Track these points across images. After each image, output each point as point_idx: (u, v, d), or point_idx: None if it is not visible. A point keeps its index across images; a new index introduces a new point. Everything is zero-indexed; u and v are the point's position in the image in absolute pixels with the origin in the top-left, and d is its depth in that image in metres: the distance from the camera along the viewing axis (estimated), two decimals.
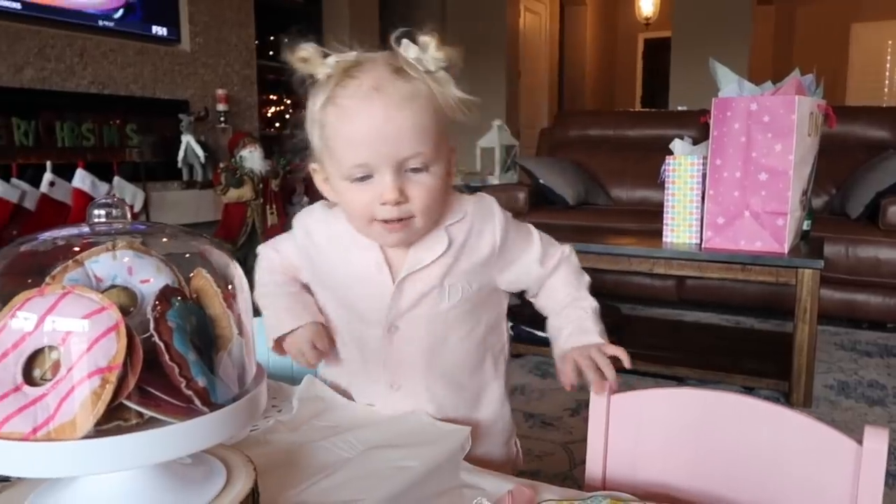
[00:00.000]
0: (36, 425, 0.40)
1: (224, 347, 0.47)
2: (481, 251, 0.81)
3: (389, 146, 0.71)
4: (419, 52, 0.75)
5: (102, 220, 0.48)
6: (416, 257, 0.79)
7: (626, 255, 2.23)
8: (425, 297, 0.79)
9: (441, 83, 0.75)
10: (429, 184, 0.74)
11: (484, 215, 0.82)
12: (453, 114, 0.75)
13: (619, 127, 4.05)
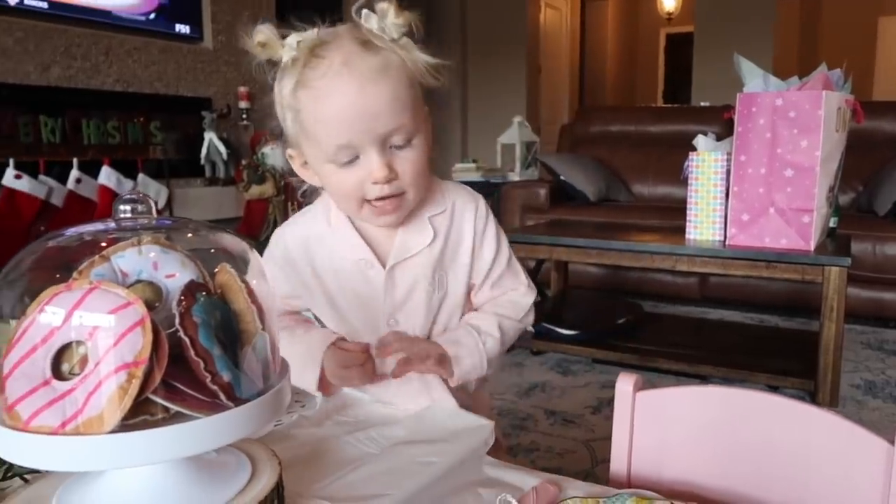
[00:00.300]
0: (65, 419, 0.40)
1: (248, 342, 0.47)
2: (462, 245, 0.81)
3: (369, 122, 0.69)
4: (379, 20, 0.71)
5: (128, 216, 0.49)
6: (403, 245, 0.78)
7: (649, 251, 2.21)
8: (417, 287, 0.79)
9: (407, 49, 0.72)
10: (414, 157, 0.72)
11: (466, 208, 0.82)
12: (425, 80, 0.73)
13: (641, 123, 4.02)
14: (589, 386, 2.21)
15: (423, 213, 0.79)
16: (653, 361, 2.27)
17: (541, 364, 2.41)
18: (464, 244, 0.81)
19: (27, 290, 0.44)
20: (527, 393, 2.14)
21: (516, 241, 2.47)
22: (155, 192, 3.64)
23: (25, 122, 3.25)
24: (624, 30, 8.51)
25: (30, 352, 0.42)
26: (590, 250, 2.32)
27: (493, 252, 0.83)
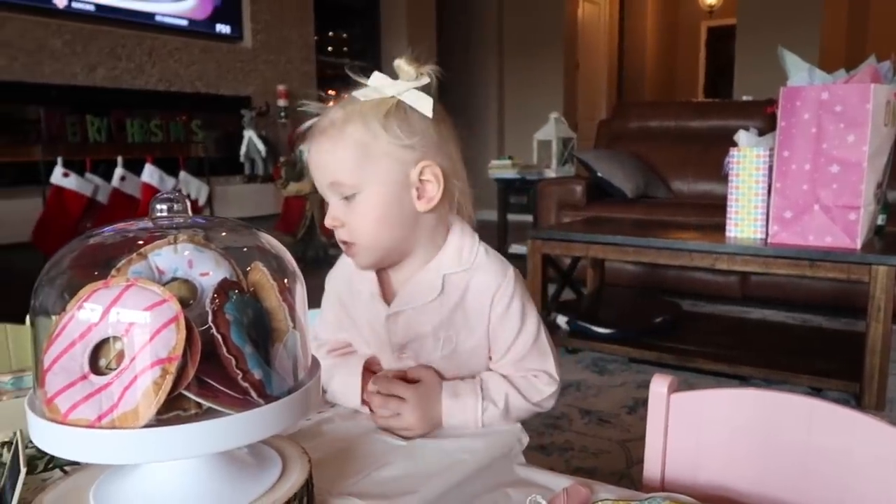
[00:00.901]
0: (101, 413, 0.41)
1: (279, 340, 0.48)
2: (477, 311, 0.78)
3: (318, 174, 0.77)
4: (381, 80, 0.76)
5: (164, 215, 0.50)
6: (407, 294, 0.79)
7: (687, 250, 2.17)
8: (418, 341, 0.79)
9: (364, 117, 0.74)
10: (358, 210, 0.75)
11: (491, 277, 0.79)
12: (381, 139, 0.74)
13: (681, 118, 3.94)
14: (625, 385, 2.18)
15: (441, 267, 0.79)
16: (691, 361, 2.23)
17: (576, 363, 2.39)
18: (479, 312, 0.78)
19: (67, 286, 0.46)
20: (561, 392, 2.11)
21: (552, 238, 2.46)
22: (196, 190, 3.72)
23: (73, 122, 3.35)
24: (664, 23, 8.37)
25: (68, 347, 0.43)
26: (626, 248, 2.29)
27: (516, 330, 0.79)
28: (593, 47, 7.06)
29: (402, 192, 0.75)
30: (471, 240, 0.80)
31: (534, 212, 3.74)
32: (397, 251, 0.78)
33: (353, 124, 0.74)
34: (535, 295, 2.48)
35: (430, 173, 0.75)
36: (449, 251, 0.79)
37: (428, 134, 0.76)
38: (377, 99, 0.75)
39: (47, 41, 3.25)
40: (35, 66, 3.22)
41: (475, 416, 0.76)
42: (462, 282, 0.78)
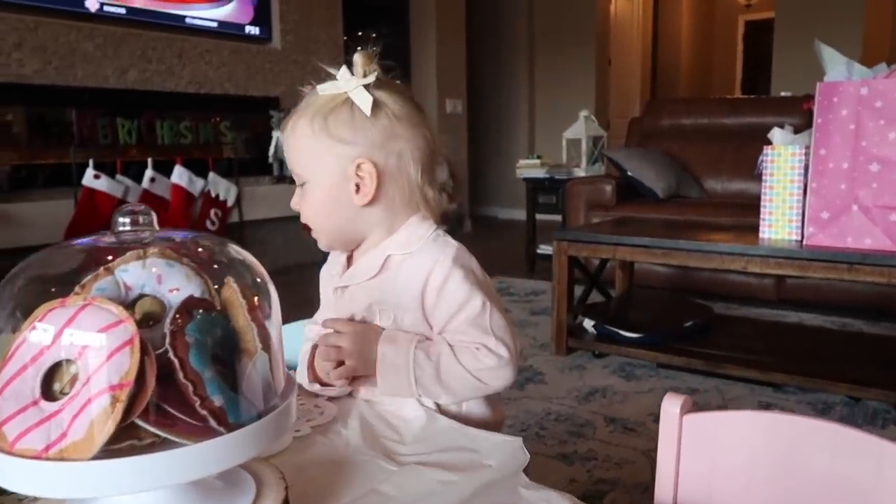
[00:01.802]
0: (49, 442, 0.39)
1: (248, 362, 0.45)
2: (412, 289, 0.80)
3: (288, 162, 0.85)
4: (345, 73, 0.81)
5: (127, 229, 0.47)
6: (353, 271, 0.85)
7: (718, 252, 2.09)
8: (358, 313, 0.83)
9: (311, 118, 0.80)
10: (307, 198, 0.83)
11: (429, 257, 0.81)
12: (321, 135, 0.79)
13: (715, 115, 3.84)
14: (653, 392, 2.12)
15: (386, 250, 0.83)
16: (722, 367, 2.16)
17: (602, 367, 2.33)
18: (411, 291, 0.80)
19: (24, 303, 0.43)
20: (586, 398, 2.07)
21: (578, 239, 2.40)
22: (225, 190, 3.75)
23: (104, 124, 3.40)
24: (700, 18, 8.19)
25: (21, 370, 0.41)
26: (654, 250, 2.22)
27: (457, 306, 0.79)
28: (626, 44, 6.93)
29: (341, 185, 0.80)
30: (425, 228, 0.84)
31: (562, 212, 3.67)
32: (346, 237, 0.85)
33: (303, 119, 0.80)
34: (561, 297, 2.43)
35: (364, 169, 0.79)
36: (399, 236, 0.83)
37: (369, 132, 0.79)
38: (331, 94, 0.79)
39: (80, 45, 3.30)
40: (68, 70, 3.27)
41: (407, 361, 0.77)
42: (400, 262, 0.82)
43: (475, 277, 0.82)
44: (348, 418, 0.73)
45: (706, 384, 2.16)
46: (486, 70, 6.55)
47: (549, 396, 2.08)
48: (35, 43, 3.13)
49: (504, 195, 6.62)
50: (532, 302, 3.26)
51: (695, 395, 2.08)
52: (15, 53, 3.07)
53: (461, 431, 0.71)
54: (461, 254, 0.83)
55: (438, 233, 0.84)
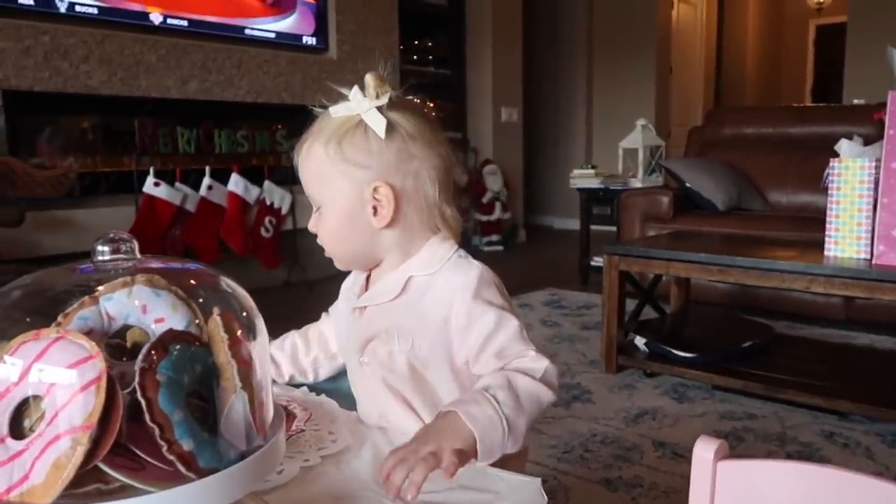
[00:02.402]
0: (11, 484, 0.37)
1: (226, 401, 0.42)
2: (435, 312, 0.78)
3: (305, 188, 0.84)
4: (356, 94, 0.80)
5: (107, 258, 0.45)
6: (373, 292, 0.84)
7: (778, 270, 1.98)
8: (377, 335, 0.82)
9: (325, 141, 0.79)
10: (323, 222, 0.82)
11: (453, 279, 0.79)
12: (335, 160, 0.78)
13: (780, 124, 3.67)
14: (706, 416, 2.02)
15: (407, 271, 0.82)
16: (782, 392, 2.04)
17: (654, 388, 2.24)
18: (436, 312, 0.79)
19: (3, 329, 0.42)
20: (635, 419, 1.99)
21: (630, 254, 2.32)
22: (279, 199, 3.80)
23: (164, 133, 3.50)
24: (768, 23, 7.90)
25: None
26: (710, 267, 2.12)
27: (492, 324, 0.77)
28: (688, 50, 6.75)
29: (357, 209, 0.79)
30: (446, 249, 0.82)
31: (617, 224, 3.58)
32: (363, 259, 0.84)
33: (317, 143, 0.79)
34: (612, 313, 2.35)
35: (381, 193, 0.78)
36: (420, 257, 0.82)
37: (384, 154, 0.78)
38: (344, 117, 0.78)
39: (143, 56, 3.41)
40: (132, 80, 3.38)
41: (490, 403, 0.69)
42: (423, 284, 0.81)
43: (502, 299, 0.81)
44: (361, 448, 0.70)
45: (765, 409, 2.05)
46: (542, 78, 6.47)
47: (596, 416, 2.01)
48: (102, 55, 3.25)
49: (559, 205, 6.52)
50: (583, 316, 3.18)
51: (752, 421, 1.97)
52: (83, 65, 3.20)
53: (479, 469, 0.67)
54: (486, 274, 0.81)
55: (460, 253, 0.83)
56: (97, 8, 3.21)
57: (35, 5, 3.02)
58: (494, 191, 5.23)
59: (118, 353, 0.44)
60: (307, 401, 0.85)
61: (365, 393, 0.85)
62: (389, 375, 0.81)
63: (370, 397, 0.84)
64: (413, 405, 0.81)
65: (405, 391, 0.80)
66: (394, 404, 0.81)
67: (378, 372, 0.81)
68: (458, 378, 0.81)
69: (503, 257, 4.99)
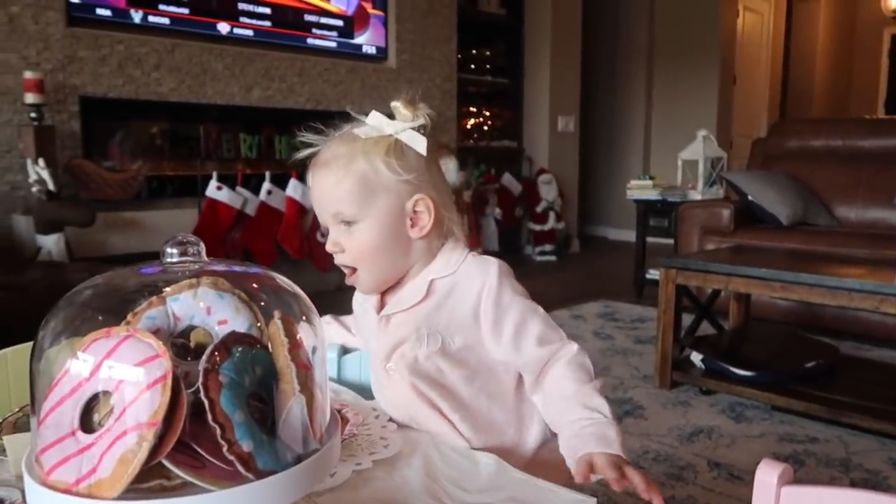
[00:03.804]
0: (80, 476, 0.39)
1: (284, 404, 0.43)
2: (464, 309, 0.84)
3: (319, 203, 0.85)
4: (378, 119, 0.85)
5: (175, 260, 0.47)
6: (398, 299, 0.87)
7: (846, 288, 1.91)
8: (405, 339, 0.85)
9: (366, 153, 0.82)
10: (357, 237, 0.83)
11: (475, 275, 0.85)
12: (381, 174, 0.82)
13: (851, 136, 3.53)
14: (765, 437, 1.95)
15: (429, 274, 0.86)
16: (846, 416, 1.95)
17: (710, 406, 2.18)
18: (464, 308, 0.84)
19: (72, 329, 0.44)
20: (689, 438, 1.94)
21: (687, 267, 2.27)
22: None
23: (228, 139, 3.61)
24: (839, 31, 7.62)
25: (61, 400, 0.41)
26: (773, 283, 2.06)
27: (523, 314, 0.84)
28: (753, 59, 6.57)
29: (398, 221, 0.84)
30: (459, 250, 0.87)
31: (674, 236, 3.50)
32: (393, 274, 0.87)
33: (357, 160, 0.82)
34: (667, 327, 2.30)
35: (423, 205, 0.84)
36: (437, 262, 0.86)
37: (422, 169, 0.84)
38: (376, 137, 0.83)
39: (210, 65, 3.53)
40: (199, 88, 3.50)
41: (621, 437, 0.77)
42: (447, 284, 0.85)
43: (521, 289, 0.87)
44: (412, 455, 0.71)
45: (827, 433, 1.96)
46: (600, 86, 6.40)
47: (649, 433, 1.96)
48: (172, 63, 3.38)
49: (615, 215, 6.42)
50: (637, 329, 3.12)
51: (814, 445, 1.89)
52: (154, 73, 3.33)
53: (531, 483, 0.66)
54: (504, 267, 0.86)
55: (472, 253, 0.88)
56: (169, 18, 3.33)
57: (112, 16, 3.16)
58: (549, 200, 5.19)
59: (183, 353, 0.45)
60: (359, 405, 0.86)
61: (392, 401, 0.87)
62: (417, 380, 0.84)
63: (398, 405, 0.86)
64: (441, 409, 0.83)
65: (432, 395, 0.84)
66: (421, 408, 0.84)
67: (406, 377, 0.84)
68: (481, 376, 0.85)
69: (556, 267, 4.95)
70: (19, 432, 0.74)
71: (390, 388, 0.86)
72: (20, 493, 0.62)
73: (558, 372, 0.83)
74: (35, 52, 2.93)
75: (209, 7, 3.49)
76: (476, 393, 0.85)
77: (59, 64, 3.00)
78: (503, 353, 0.84)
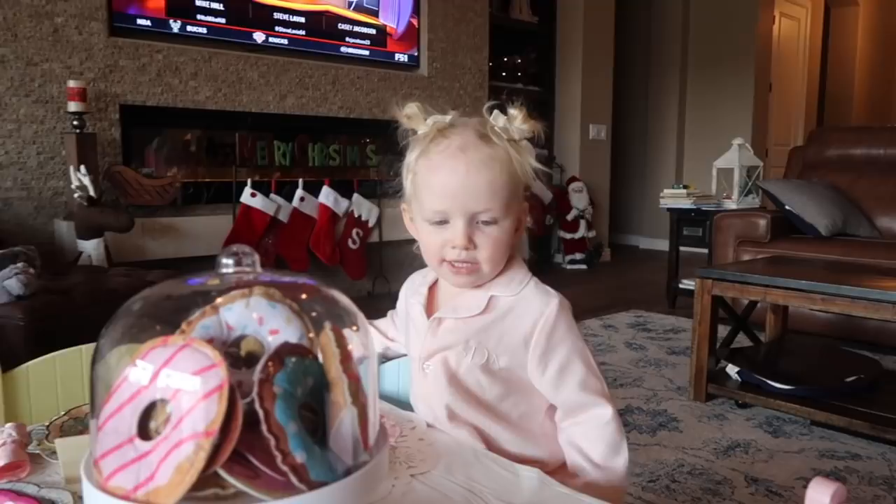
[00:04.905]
0: (138, 483, 0.39)
1: (336, 416, 0.43)
2: (516, 333, 0.84)
3: (464, 199, 0.81)
4: (507, 122, 0.84)
5: (230, 271, 0.47)
6: (454, 305, 0.87)
7: (890, 301, 1.86)
8: (452, 346, 0.85)
9: (520, 152, 0.84)
10: (495, 236, 0.83)
11: (535, 304, 0.85)
12: (526, 179, 0.85)
13: (892, 145, 3.45)
14: (804, 453, 1.90)
15: (490, 290, 0.86)
16: (890, 433, 1.90)
17: (746, 419, 2.14)
18: (517, 332, 0.84)
19: (131, 336, 0.45)
20: (726, 452, 1.90)
21: (724, 278, 2.23)
22: (367, 211, 3.89)
23: (262, 147, 3.65)
24: (879, 37, 7.46)
25: (120, 407, 0.42)
26: (813, 295, 2.01)
27: (570, 355, 0.85)
28: (790, 66, 6.46)
29: (518, 223, 0.87)
30: (523, 272, 0.89)
31: (709, 246, 3.45)
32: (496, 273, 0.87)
33: (512, 161, 0.83)
34: (703, 339, 2.26)
35: (525, 207, 0.88)
36: (501, 279, 0.87)
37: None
38: (517, 138, 0.84)
39: (246, 73, 3.58)
40: (235, 96, 3.55)
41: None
42: (506, 305, 0.86)
43: (576, 329, 0.87)
44: (453, 468, 0.70)
45: (869, 450, 1.91)
46: (633, 94, 6.36)
47: (684, 446, 1.93)
48: (209, 72, 3.44)
49: (647, 224, 6.36)
50: (670, 340, 3.07)
51: (856, 462, 1.84)
52: (192, 82, 3.39)
53: (575, 499, 0.65)
54: (564, 304, 0.87)
55: (535, 280, 0.89)
56: (206, 28, 3.40)
57: (151, 26, 3.23)
58: (580, 208, 5.16)
59: (235, 362, 0.45)
60: (397, 416, 0.86)
61: (421, 397, 0.89)
62: (453, 388, 0.85)
63: (426, 403, 0.88)
64: (464, 416, 0.85)
65: (464, 406, 0.85)
66: (444, 411, 0.85)
67: (441, 380, 0.85)
68: (515, 396, 0.87)
69: (587, 276, 4.91)
70: (66, 436, 0.75)
71: (422, 386, 0.88)
72: (70, 495, 0.63)
73: (587, 434, 0.85)
74: (78, 61, 3.00)
75: (245, 16, 3.55)
76: (508, 410, 0.87)
77: (100, 73, 3.07)
78: (543, 385, 0.86)
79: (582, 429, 0.85)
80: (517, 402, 0.87)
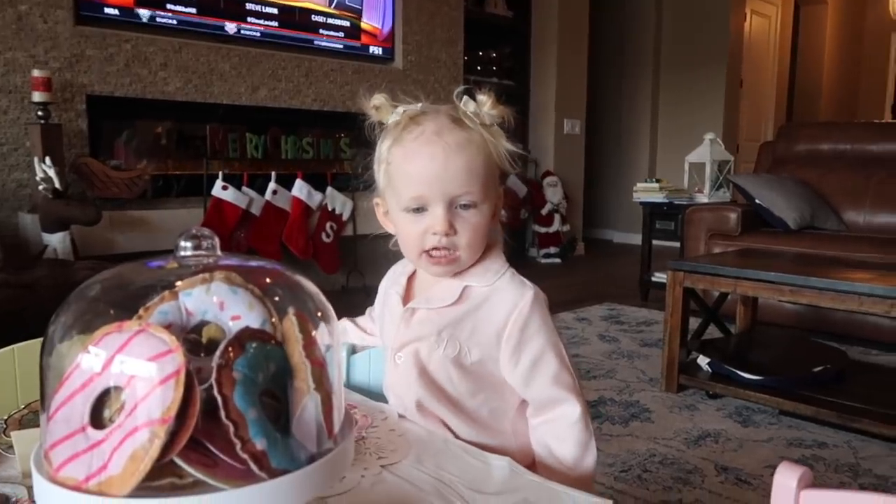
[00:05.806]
0: (90, 473, 0.38)
1: (299, 402, 0.42)
2: (489, 325, 0.83)
3: (443, 183, 0.80)
4: (476, 107, 0.83)
5: (189, 254, 0.46)
6: (428, 295, 0.86)
7: (856, 292, 1.89)
8: (424, 338, 0.84)
9: (494, 135, 0.83)
10: (475, 221, 0.82)
11: (509, 296, 0.84)
12: (502, 163, 0.84)
13: (859, 140, 3.52)
14: (772, 441, 1.93)
15: (465, 279, 0.85)
16: (856, 421, 1.94)
17: (716, 409, 2.16)
18: (490, 325, 0.83)
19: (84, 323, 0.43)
20: (696, 441, 1.92)
21: (695, 270, 2.25)
22: (341, 204, 3.85)
23: (234, 139, 3.60)
24: (846, 36, 7.59)
25: (72, 394, 0.40)
26: (781, 287, 2.04)
27: (543, 349, 0.83)
28: (761, 63, 6.55)
29: (496, 207, 0.86)
30: (500, 262, 0.87)
31: (680, 239, 3.49)
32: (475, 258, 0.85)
33: (487, 144, 0.82)
34: (674, 331, 2.28)
35: (501, 192, 0.87)
36: (476, 269, 0.85)
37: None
38: (489, 123, 0.83)
39: (217, 64, 3.53)
40: (206, 88, 3.49)
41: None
42: (480, 296, 0.84)
43: (551, 322, 0.86)
44: (423, 458, 0.70)
45: (836, 439, 1.95)
46: (607, 89, 6.39)
47: (656, 436, 1.95)
48: (179, 63, 3.38)
49: (620, 219, 6.41)
50: (643, 332, 3.10)
51: (822, 450, 1.88)
52: (161, 73, 3.32)
53: (546, 486, 0.65)
54: (539, 297, 0.85)
55: (512, 270, 0.87)
56: (176, 18, 3.33)
57: (120, 15, 3.16)
58: (554, 202, 5.18)
59: (195, 349, 0.44)
60: (368, 407, 0.85)
61: (392, 390, 0.89)
62: (421, 379, 0.84)
63: (397, 394, 0.87)
64: (433, 410, 0.84)
65: (433, 399, 0.84)
66: (414, 402, 0.85)
67: (412, 373, 0.84)
68: (486, 391, 0.86)
69: (561, 270, 4.93)
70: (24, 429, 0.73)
71: (394, 376, 0.87)
72: (26, 490, 0.61)
73: (557, 433, 0.84)
74: (43, 50, 2.93)
75: (217, 7, 3.49)
76: (479, 406, 0.86)
77: (66, 62, 3.00)
78: (515, 379, 0.84)
79: (552, 427, 0.84)
80: (488, 398, 0.86)
